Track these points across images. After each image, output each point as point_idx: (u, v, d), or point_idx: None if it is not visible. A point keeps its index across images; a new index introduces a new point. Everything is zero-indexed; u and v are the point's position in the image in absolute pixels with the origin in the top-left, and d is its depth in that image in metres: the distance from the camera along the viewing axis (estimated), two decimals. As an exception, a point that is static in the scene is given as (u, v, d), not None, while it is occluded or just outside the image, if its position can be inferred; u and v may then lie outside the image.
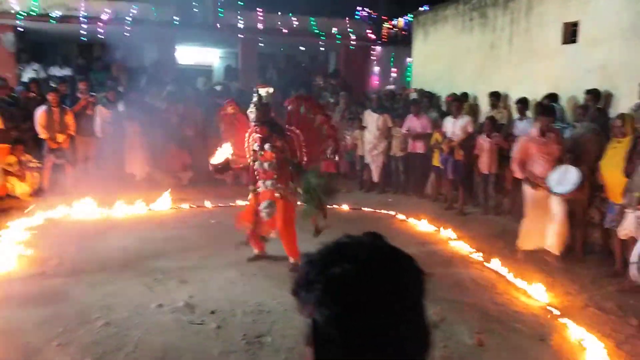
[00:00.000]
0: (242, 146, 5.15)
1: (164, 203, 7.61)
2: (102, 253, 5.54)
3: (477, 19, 9.39)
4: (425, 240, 6.34)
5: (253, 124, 4.85)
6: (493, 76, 8.76)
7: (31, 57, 11.39)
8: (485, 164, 7.31)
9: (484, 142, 7.31)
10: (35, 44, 12.28)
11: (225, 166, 5.07)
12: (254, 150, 4.97)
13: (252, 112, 4.81)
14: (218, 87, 11.18)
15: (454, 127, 7.68)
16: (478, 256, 5.75)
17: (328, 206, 4.96)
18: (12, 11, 10.80)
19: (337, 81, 12.55)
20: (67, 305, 4.22)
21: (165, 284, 4.72)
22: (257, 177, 5.03)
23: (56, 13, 11.03)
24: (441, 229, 6.69)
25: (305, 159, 5.03)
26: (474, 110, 8.76)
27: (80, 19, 11.09)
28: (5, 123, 7.34)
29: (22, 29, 11.44)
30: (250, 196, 5.17)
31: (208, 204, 7.72)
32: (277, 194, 4.95)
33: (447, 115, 8.26)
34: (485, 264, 5.53)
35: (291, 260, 5.08)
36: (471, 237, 6.33)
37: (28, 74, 10.65)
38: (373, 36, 14.12)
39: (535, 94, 7.45)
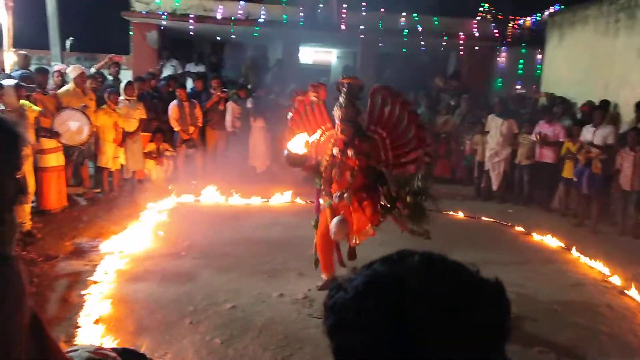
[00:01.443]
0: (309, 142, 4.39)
1: (282, 196, 7.90)
2: (227, 239, 5.90)
3: (624, 20, 8.51)
4: (553, 259, 5.88)
5: (339, 123, 4.19)
6: (640, 84, 7.90)
7: (171, 54, 12.42)
8: (627, 179, 6.61)
9: (626, 156, 6.61)
10: (174, 42, 13.39)
11: (300, 160, 4.32)
12: (332, 155, 4.28)
13: (340, 108, 4.16)
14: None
15: (594, 137, 7.04)
16: (614, 280, 5.23)
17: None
18: (159, 11, 11.87)
19: (458, 83, 12.13)
20: (197, 286, 4.54)
21: (285, 274, 4.89)
22: (332, 186, 4.34)
23: (195, 13, 11.93)
24: (572, 247, 6.18)
25: (391, 163, 4.32)
26: (615, 120, 7.97)
27: (216, 18, 11.88)
28: (148, 114, 8.08)
29: (163, 28, 12.54)
30: (325, 206, 4.45)
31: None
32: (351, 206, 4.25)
33: (582, 124, 7.61)
34: (624, 290, 5.00)
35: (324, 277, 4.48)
36: (605, 259, 5.75)
37: (168, 70, 11.63)
38: (498, 36, 13.44)
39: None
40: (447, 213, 7.72)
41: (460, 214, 7.66)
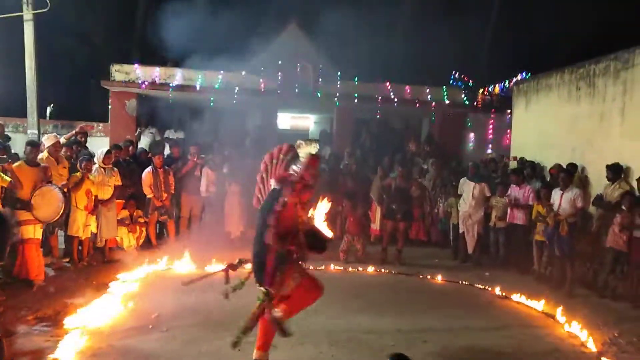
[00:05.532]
0: None
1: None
2: (199, 309, 5.70)
3: (585, 88, 8.98)
4: (530, 324, 5.82)
5: (309, 184, 3.96)
6: (604, 148, 8.21)
7: (149, 122, 12.58)
8: (621, 240, 6.69)
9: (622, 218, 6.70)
10: (153, 109, 13.58)
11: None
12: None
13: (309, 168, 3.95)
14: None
15: (562, 200, 7.20)
16: (590, 346, 5.16)
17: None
18: (138, 80, 12.12)
19: (431, 147, 12.46)
20: (163, 362, 4.33)
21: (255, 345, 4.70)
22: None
23: (174, 83, 12.23)
24: (549, 311, 6.13)
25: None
26: (582, 183, 8.20)
27: (195, 87, 12.17)
28: (123, 181, 8.04)
29: (143, 96, 12.76)
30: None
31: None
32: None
33: (551, 187, 7.80)
34: (600, 357, 4.93)
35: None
36: (583, 322, 5.70)
37: (146, 137, 11.73)
38: (468, 103, 14.01)
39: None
40: (425, 277, 7.69)
41: (439, 278, 7.62)
